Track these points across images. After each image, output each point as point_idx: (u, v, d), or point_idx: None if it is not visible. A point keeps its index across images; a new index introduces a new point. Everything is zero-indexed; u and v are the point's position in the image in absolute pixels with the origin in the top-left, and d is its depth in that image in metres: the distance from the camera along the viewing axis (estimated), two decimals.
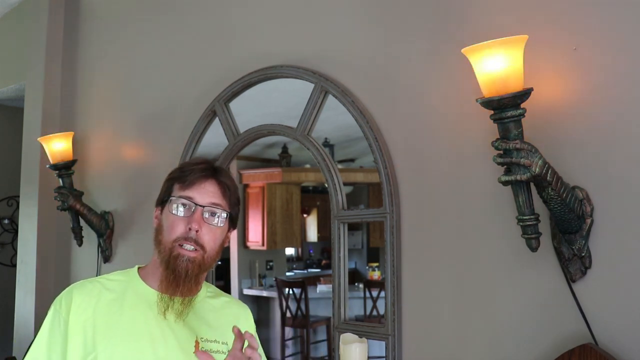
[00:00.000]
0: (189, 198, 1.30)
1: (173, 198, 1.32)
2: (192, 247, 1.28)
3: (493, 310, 1.82)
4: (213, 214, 1.31)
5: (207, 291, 1.43)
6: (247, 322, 1.46)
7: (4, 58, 4.24)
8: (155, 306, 1.30)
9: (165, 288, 1.30)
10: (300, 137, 2.31)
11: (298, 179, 5.12)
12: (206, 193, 1.31)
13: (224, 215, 1.33)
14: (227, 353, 1.33)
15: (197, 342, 1.30)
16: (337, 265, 2.19)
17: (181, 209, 1.30)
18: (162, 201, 1.35)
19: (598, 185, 1.63)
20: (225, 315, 1.41)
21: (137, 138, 3.05)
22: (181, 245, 1.28)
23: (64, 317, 1.27)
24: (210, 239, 1.31)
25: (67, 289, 1.32)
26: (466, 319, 1.87)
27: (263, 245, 5.19)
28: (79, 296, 1.29)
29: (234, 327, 1.21)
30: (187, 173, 1.33)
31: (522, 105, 1.52)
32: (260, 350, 1.46)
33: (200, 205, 1.30)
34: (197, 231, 1.28)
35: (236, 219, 1.40)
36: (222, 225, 1.33)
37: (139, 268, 1.39)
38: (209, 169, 1.35)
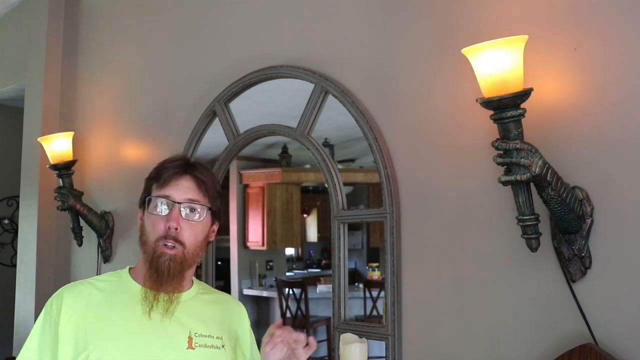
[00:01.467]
0: (165, 196, 1.31)
1: (151, 198, 1.33)
2: (172, 244, 1.29)
3: (493, 310, 1.82)
4: (192, 210, 1.32)
5: (199, 288, 1.43)
6: (241, 317, 1.46)
7: (4, 58, 4.24)
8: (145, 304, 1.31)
9: (150, 287, 1.31)
10: (300, 137, 2.31)
11: (298, 179, 5.11)
12: (182, 189, 1.32)
13: (203, 210, 1.33)
14: (222, 348, 1.34)
15: (190, 338, 1.30)
16: (337, 265, 2.19)
17: (159, 208, 1.31)
18: (143, 202, 1.36)
19: (598, 185, 1.63)
20: (218, 310, 1.41)
21: (137, 138, 3.05)
22: (165, 245, 1.29)
23: (54, 319, 1.27)
24: (190, 234, 1.31)
25: (58, 290, 1.33)
26: (466, 319, 1.87)
27: (263, 245, 5.19)
28: (70, 297, 1.29)
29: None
30: (162, 172, 1.34)
31: (522, 105, 1.52)
32: (255, 348, 1.47)
33: (177, 202, 1.31)
34: (176, 229, 1.29)
35: (219, 213, 1.40)
36: (201, 220, 1.33)
37: (130, 268, 1.40)
38: (183, 165, 1.35)
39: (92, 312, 1.28)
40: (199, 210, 1.33)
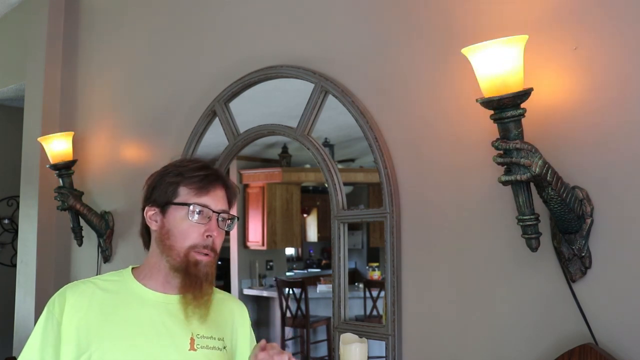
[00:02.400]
0: (205, 206, 1.31)
1: (189, 205, 1.31)
2: (207, 252, 1.31)
3: (493, 310, 1.82)
4: (224, 220, 1.34)
5: None
6: (242, 318, 1.46)
7: (4, 58, 4.24)
8: (149, 305, 1.31)
9: (186, 293, 1.31)
10: (300, 137, 2.31)
11: (298, 179, 5.11)
12: (218, 200, 1.34)
13: (233, 220, 1.37)
14: (223, 349, 1.34)
15: (192, 340, 1.30)
16: (337, 265, 2.19)
17: (197, 216, 1.31)
18: (166, 203, 1.33)
19: (598, 185, 1.63)
20: (220, 311, 1.41)
21: (137, 138, 3.05)
22: (197, 252, 1.30)
23: (57, 318, 1.27)
24: (219, 243, 1.34)
25: (60, 290, 1.33)
26: (466, 319, 1.87)
27: (263, 245, 5.19)
28: (72, 297, 1.29)
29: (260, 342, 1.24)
30: (198, 178, 1.33)
31: (522, 105, 1.52)
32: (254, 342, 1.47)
33: (216, 212, 1.32)
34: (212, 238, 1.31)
35: None
36: (229, 229, 1.36)
37: (133, 268, 1.39)
38: (218, 175, 1.37)
39: (94, 312, 1.28)
40: (228, 219, 1.36)
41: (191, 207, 1.31)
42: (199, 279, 1.29)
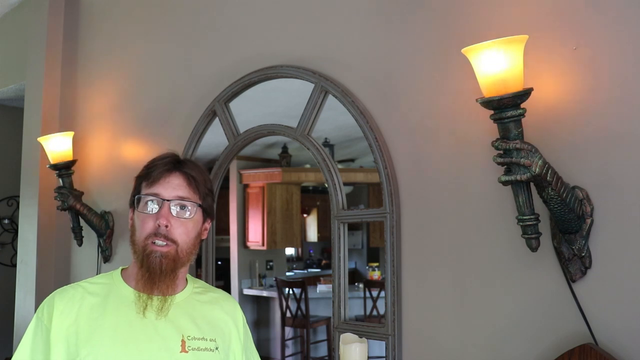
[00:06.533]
0: (154, 194, 1.30)
1: (141, 196, 1.31)
2: (163, 242, 1.27)
3: (493, 310, 1.82)
4: (182, 207, 1.31)
5: (194, 287, 1.41)
6: (236, 317, 1.44)
7: (4, 58, 4.24)
8: (136, 306, 1.29)
9: (143, 286, 1.29)
10: (300, 137, 2.31)
11: (298, 179, 5.11)
12: (171, 187, 1.31)
13: (194, 207, 1.32)
14: (215, 350, 1.32)
15: (183, 342, 1.29)
16: (337, 265, 2.19)
17: (149, 206, 1.30)
18: (133, 201, 1.35)
19: (598, 185, 1.63)
20: (213, 310, 1.39)
21: (137, 138, 3.05)
22: (153, 242, 1.27)
23: (45, 325, 1.26)
24: (182, 232, 1.30)
25: (49, 295, 1.31)
26: (466, 319, 1.87)
27: (263, 245, 5.19)
28: (61, 303, 1.28)
29: None
30: (151, 170, 1.33)
31: (522, 105, 1.52)
32: (250, 345, 1.46)
33: (167, 200, 1.29)
34: (166, 226, 1.27)
35: (211, 209, 1.38)
36: (192, 217, 1.32)
37: (122, 269, 1.38)
38: (172, 162, 1.34)
39: (83, 317, 1.26)
40: (189, 207, 1.32)
41: (140, 198, 1.31)
42: (152, 270, 1.27)
